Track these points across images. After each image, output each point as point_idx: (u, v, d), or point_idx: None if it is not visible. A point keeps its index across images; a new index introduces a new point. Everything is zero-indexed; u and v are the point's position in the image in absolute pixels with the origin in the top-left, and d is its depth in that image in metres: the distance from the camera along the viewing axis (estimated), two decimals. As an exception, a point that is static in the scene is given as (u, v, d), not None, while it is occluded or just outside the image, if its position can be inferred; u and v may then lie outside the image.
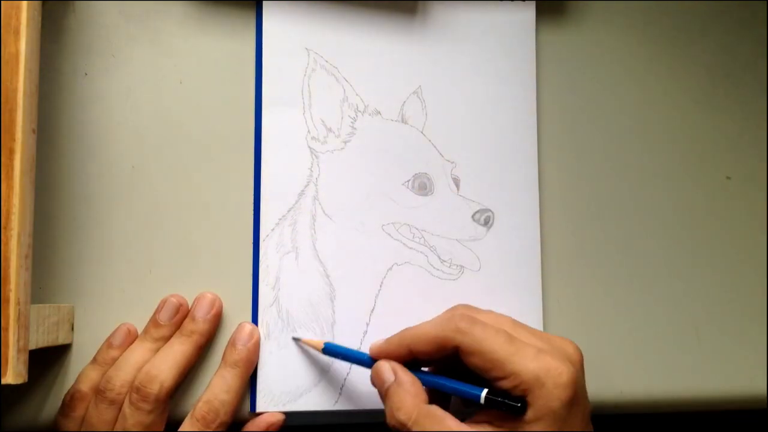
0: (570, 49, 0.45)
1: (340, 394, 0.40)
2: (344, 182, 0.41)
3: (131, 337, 0.39)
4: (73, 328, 0.39)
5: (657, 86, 0.46)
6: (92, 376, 0.38)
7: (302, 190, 0.41)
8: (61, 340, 0.38)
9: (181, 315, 0.39)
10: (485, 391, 0.33)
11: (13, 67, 0.32)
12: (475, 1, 0.44)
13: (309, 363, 0.40)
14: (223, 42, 0.42)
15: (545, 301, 0.43)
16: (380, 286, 0.41)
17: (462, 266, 0.42)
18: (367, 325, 0.41)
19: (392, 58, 0.43)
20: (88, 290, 0.39)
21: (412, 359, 0.36)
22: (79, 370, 0.38)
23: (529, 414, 0.32)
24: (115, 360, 0.38)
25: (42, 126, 0.37)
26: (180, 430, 0.37)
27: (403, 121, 0.42)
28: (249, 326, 0.39)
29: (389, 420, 0.35)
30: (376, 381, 0.36)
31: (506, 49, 0.44)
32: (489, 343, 0.33)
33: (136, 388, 0.36)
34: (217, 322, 0.40)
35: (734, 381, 0.44)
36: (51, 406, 0.39)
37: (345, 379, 0.40)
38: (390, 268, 0.41)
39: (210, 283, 0.40)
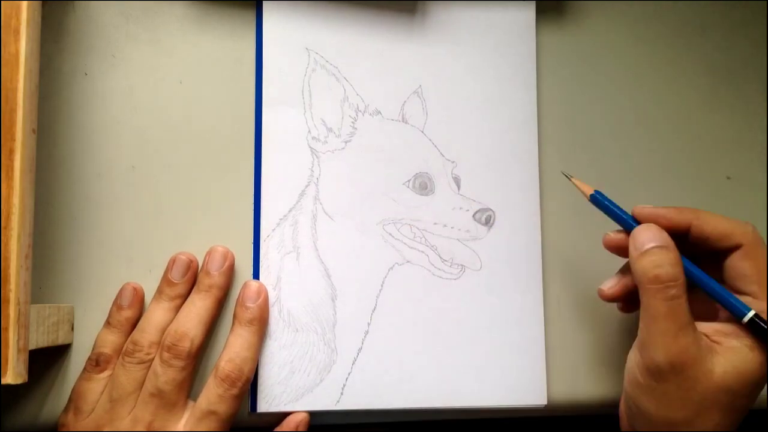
0: (570, 48, 0.45)
1: (341, 394, 0.40)
2: (345, 182, 0.41)
3: (138, 296, 0.39)
4: (73, 328, 0.39)
5: (657, 86, 0.46)
6: (111, 339, 0.38)
7: (303, 190, 0.41)
8: (61, 340, 0.37)
9: (193, 271, 0.39)
10: (752, 312, 0.33)
11: (13, 67, 0.32)
12: (475, 1, 0.44)
13: (310, 363, 0.40)
14: (223, 42, 0.42)
15: (545, 301, 0.43)
16: (381, 285, 0.41)
17: (463, 266, 0.42)
18: (369, 324, 0.41)
19: (392, 58, 0.43)
20: (88, 290, 0.39)
21: (681, 234, 0.35)
22: (79, 370, 0.38)
23: (749, 335, 0.33)
24: (129, 321, 0.38)
25: (42, 126, 0.37)
26: (204, 394, 0.37)
27: (404, 120, 0.42)
28: (255, 283, 0.40)
29: (641, 268, 0.34)
30: (640, 238, 0.35)
31: (506, 48, 0.44)
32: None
33: (167, 347, 0.36)
34: (231, 275, 0.40)
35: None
36: (51, 406, 0.38)
37: (346, 379, 0.40)
38: (391, 268, 0.41)
39: (210, 283, 0.40)
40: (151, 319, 0.38)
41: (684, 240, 0.36)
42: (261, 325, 0.39)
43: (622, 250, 0.37)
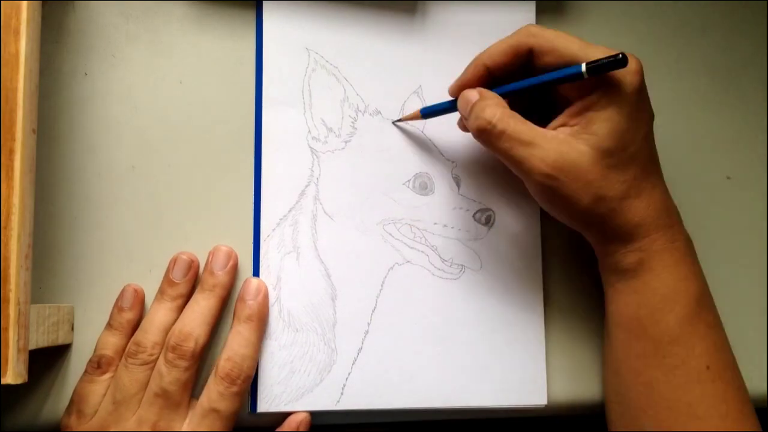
0: (570, 49, 0.45)
1: (341, 394, 0.40)
2: (345, 182, 0.41)
3: (139, 297, 0.39)
4: (73, 328, 0.39)
5: (657, 86, 0.46)
6: (112, 341, 0.38)
7: (303, 190, 0.41)
8: (61, 340, 0.37)
9: (194, 271, 0.39)
10: (584, 64, 0.34)
11: (13, 67, 0.32)
12: (475, 1, 0.44)
13: (310, 363, 0.40)
14: (223, 42, 0.42)
15: (545, 301, 0.43)
16: (381, 285, 0.41)
17: (463, 266, 0.42)
18: (369, 324, 0.41)
19: (392, 58, 0.43)
20: (88, 290, 0.39)
21: (489, 79, 0.38)
22: (79, 370, 0.38)
23: (602, 98, 0.35)
24: (130, 322, 0.38)
25: (42, 126, 0.37)
26: (206, 393, 0.37)
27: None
28: (255, 280, 0.40)
29: (475, 126, 0.36)
30: (462, 107, 0.38)
31: (506, 48, 0.44)
32: (562, 41, 0.36)
33: (171, 347, 0.36)
34: (235, 274, 0.40)
35: (734, 381, 0.44)
36: (51, 406, 0.38)
37: (346, 379, 0.40)
38: (391, 268, 0.41)
39: (210, 283, 0.40)
40: (153, 320, 0.38)
41: (501, 78, 0.38)
42: (260, 322, 0.39)
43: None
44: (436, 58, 0.43)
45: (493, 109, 0.36)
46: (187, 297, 0.39)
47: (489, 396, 0.41)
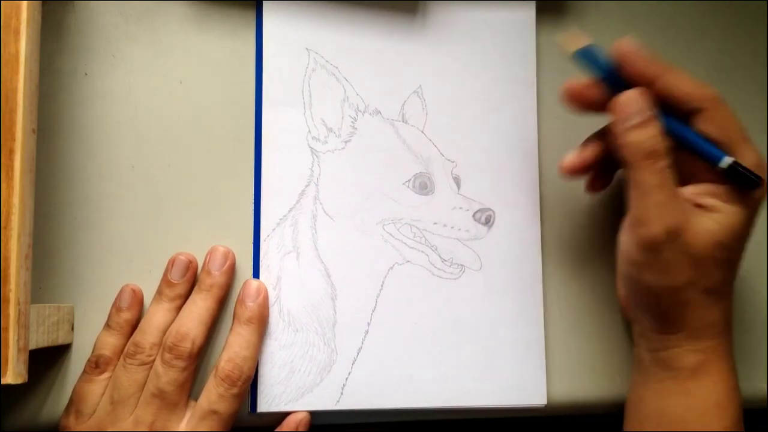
0: (570, 48, 0.45)
1: (341, 394, 0.40)
2: (345, 182, 0.41)
3: (137, 297, 0.39)
4: (73, 328, 0.39)
5: (657, 86, 0.46)
6: (111, 341, 0.38)
7: (303, 190, 0.41)
8: (61, 340, 0.37)
9: (192, 271, 0.39)
10: (731, 158, 0.34)
11: (13, 67, 0.32)
12: (475, 1, 0.44)
13: (310, 363, 0.40)
14: (223, 42, 0.42)
15: (545, 301, 0.43)
16: (381, 285, 0.41)
17: (463, 265, 0.42)
18: (369, 324, 0.41)
19: (393, 58, 0.43)
20: (88, 290, 0.39)
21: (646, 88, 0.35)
22: (79, 370, 0.38)
23: (733, 194, 0.35)
24: (128, 322, 0.38)
25: (42, 126, 0.37)
26: (205, 394, 0.37)
27: (404, 120, 0.42)
28: (255, 282, 0.40)
29: (631, 143, 0.34)
30: (626, 109, 0.35)
31: (507, 48, 0.44)
32: (734, 122, 0.35)
33: (168, 348, 0.36)
34: (232, 274, 0.40)
35: (734, 381, 0.44)
36: (51, 406, 0.38)
37: (346, 379, 0.40)
38: (391, 268, 0.41)
39: (210, 283, 0.40)
40: (151, 320, 0.38)
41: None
42: (260, 323, 0.39)
43: (584, 101, 0.37)
44: (436, 58, 0.43)
45: (664, 139, 0.34)
46: (186, 298, 0.39)
47: (489, 396, 0.41)
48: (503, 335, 0.42)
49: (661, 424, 0.36)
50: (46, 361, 0.39)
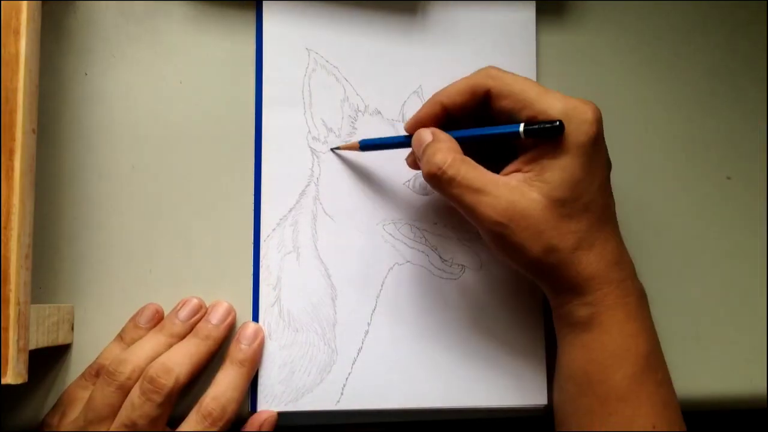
0: (570, 48, 0.45)
1: (341, 394, 0.40)
2: (345, 182, 0.41)
3: (158, 318, 0.39)
4: (73, 328, 0.39)
5: (657, 86, 0.46)
6: (117, 354, 0.37)
7: (303, 190, 0.41)
8: (61, 340, 0.37)
9: (198, 318, 0.39)
10: (522, 124, 0.35)
11: (13, 67, 0.32)
12: (475, 1, 0.44)
13: (310, 363, 0.40)
14: (223, 42, 0.42)
15: (546, 301, 0.43)
16: (381, 285, 0.41)
17: (463, 266, 0.42)
18: (369, 325, 0.41)
19: (393, 58, 0.43)
20: (88, 290, 0.39)
21: (445, 118, 0.38)
22: (79, 370, 0.38)
23: (557, 146, 0.34)
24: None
25: (42, 126, 0.37)
26: (184, 427, 0.36)
27: (404, 120, 0.42)
28: (253, 325, 0.39)
29: (426, 170, 0.36)
30: (415, 147, 0.38)
31: (507, 48, 0.44)
32: (519, 85, 0.36)
33: (150, 378, 0.35)
34: (229, 332, 0.39)
35: (734, 381, 0.44)
36: (51, 406, 0.38)
37: (346, 379, 0.40)
38: (391, 268, 0.41)
39: (211, 283, 0.40)
40: (144, 346, 0.37)
41: (457, 118, 0.38)
42: (252, 368, 0.39)
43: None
44: (436, 58, 0.43)
45: (445, 154, 0.35)
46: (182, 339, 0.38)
47: (489, 396, 0.41)
48: (503, 335, 0.42)
49: (570, 377, 0.37)
50: (46, 361, 0.39)
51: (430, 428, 0.45)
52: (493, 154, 0.37)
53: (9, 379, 0.31)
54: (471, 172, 0.35)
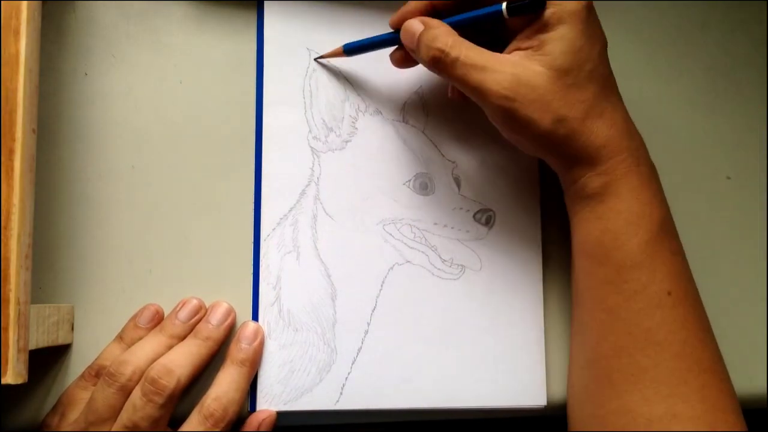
0: (570, 49, 0.45)
1: (341, 394, 0.40)
2: (345, 182, 0.41)
3: (158, 318, 0.39)
4: (73, 328, 0.39)
5: (657, 86, 0.46)
6: (118, 354, 0.37)
7: (303, 190, 0.41)
8: (61, 340, 0.37)
9: (198, 318, 0.39)
10: (504, 3, 0.35)
11: (13, 67, 0.32)
12: (475, 1, 0.44)
13: (310, 362, 0.40)
14: (224, 42, 0.42)
15: (546, 301, 0.43)
16: (381, 285, 0.41)
17: (463, 266, 0.42)
18: (368, 324, 0.41)
19: (393, 58, 0.43)
20: (88, 290, 0.39)
21: (431, 13, 0.38)
22: (79, 371, 0.38)
23: (552, 18, 0.35)
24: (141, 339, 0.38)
25: (42, 126, 0.37)
26: (186, 427, 0.36)
27: (404, 120, 0.42)
28: (253, 324, 0.39)
29: (428, 55, 0.36)
30: (406, 38, 0.37)
31: (507, 48, 0.44)
32: None
33: (151, 379, 0.35)
34: (229, 333, 0.39)
35: (734, 381, 0.44)
36: (51, 406, 0.38)
37: (346, 378, 0.40)
38: (391, 268, 0.41)
39: (211, 283, 0.40)
40: (145, 347, 0.37)
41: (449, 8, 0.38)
42: (253, 367, 0.39)
43: (408, 60, 0.40)
44: (436, 58, 0.43)
45: (445, 37, 0.35)
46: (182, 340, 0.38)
47: (489, 396, 0.41)
48: (503, 335, 0.42)
49: (584, 252, 0.37)
50: (46, 361, 0.39)
51: (429, 428, 0.45)
52: (484, 45, 0.37)
53: (9, 379, 0.31)
54: (473, 51, 0.35)
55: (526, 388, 0.41)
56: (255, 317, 0.40)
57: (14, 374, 0.31)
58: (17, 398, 0.39)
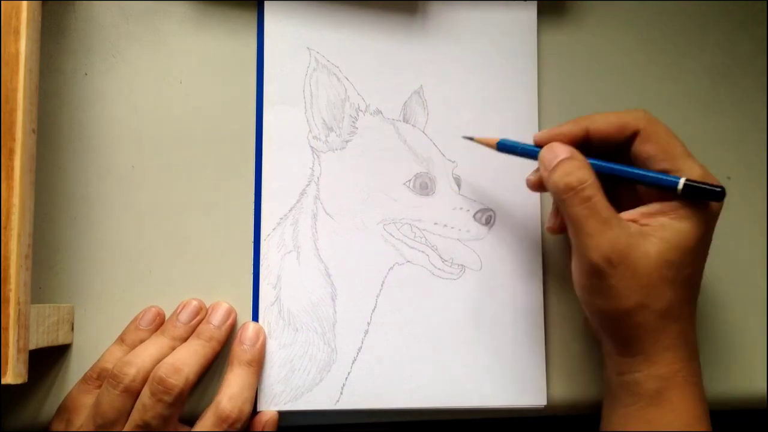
0: (571, 48, 0.45)
1: (341, 393, 0.40)
2: (345, 181, 0.41)
3: (159, 320, 0.39)
4: (73, 328, 0.39)
5: (657, 86, 0.46)
6: (119, 356, 0.37)
7: (303, 190, 0.41)
8: (61, 340, 0.37)
9: (199, 319, 0.39)
10: (683, 179, 0.35)
11: (13, 67, 0.32)
12: (476, 1, 0.44)
13: (310, 362, 0.40)
14: (224, 41, 0.42)
15: (546, 301, 0.43)
16: (381, 285, 0.41)
17: (463, 266, 0.42)
18: (369, 324, 0.41)
19: (393, 58, 0.43)
20: (88, 290, 0.39)
21: (582, 144, 0.37)
22: (79, 371, 0.38)
23: (684, 209, 0.35)
24: (142, 342, 0.38)
25: (42, 126, 0.37)
26: (201, 428, 0.36)
27: (405, 120, 0.42)
28: (254, 325, 0.39)
29: (564, 181, 0.35)
30: (547, 159, 0.37)
31: (508, 48, 0.44)
32: (671, 138, 0.36)
33: (159, 379, 0.35)
34: (231, 333, 0.39)
35: (734, 381, 0.44)
36: (51, 406, 0.38)
37: (346, 378, 0.40)
38: (391, 268, 0.41)
39: (211, 282, 0.40)
40: (148, 348, 0.37)
41: (590, 147, 0.37)
42: (260, 366, 0.39)
43: (542, 186, 0.39)
44: (436, 58, 0.43)
45: (588, 172, 0.35)
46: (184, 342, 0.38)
47: (489, 396, 0.41)
48: (503, 335, 0.42)
49: None
50: (46, 361, 0.39)
51: (429, 428, 0.45)
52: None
53: (9, 379, 0.31)
54: (604, 201, 0.35)
55: (526, 388, 0.41)
56: (255, 317, 0.40)
57: (14, 374, 0.31)
58: (17, 398, 0.39)
